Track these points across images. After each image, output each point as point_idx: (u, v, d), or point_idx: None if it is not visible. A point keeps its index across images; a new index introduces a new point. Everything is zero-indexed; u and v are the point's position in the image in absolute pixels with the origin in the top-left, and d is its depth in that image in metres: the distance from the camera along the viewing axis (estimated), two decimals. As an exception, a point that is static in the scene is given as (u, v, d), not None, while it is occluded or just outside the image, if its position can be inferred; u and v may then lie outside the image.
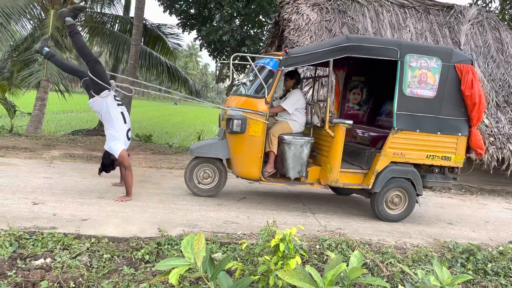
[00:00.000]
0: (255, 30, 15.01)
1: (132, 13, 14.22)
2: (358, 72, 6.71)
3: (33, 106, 11.93)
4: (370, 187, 5.17)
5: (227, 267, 3.01)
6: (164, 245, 3.65)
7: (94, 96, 4.82)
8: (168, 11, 15.00)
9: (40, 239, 3.47)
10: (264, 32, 15.01)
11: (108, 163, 5.08)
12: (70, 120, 21.61)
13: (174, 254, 3.53)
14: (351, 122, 5.18)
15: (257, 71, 5.30)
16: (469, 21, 10.14)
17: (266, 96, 5.09)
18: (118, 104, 4.94)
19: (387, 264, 3.85)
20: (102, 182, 5.72)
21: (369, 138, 6.14)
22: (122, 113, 4.93)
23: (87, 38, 13.63)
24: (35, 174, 5.78)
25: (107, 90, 4.80)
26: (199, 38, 15.17)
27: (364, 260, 3.62)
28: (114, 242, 3.64)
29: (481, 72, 9.34)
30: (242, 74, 14.94)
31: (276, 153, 5.35)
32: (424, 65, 5.11)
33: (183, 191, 5.71)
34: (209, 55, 15.46)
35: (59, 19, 11.50)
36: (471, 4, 13.12)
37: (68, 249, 3.39)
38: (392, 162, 5.19)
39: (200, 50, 16.69)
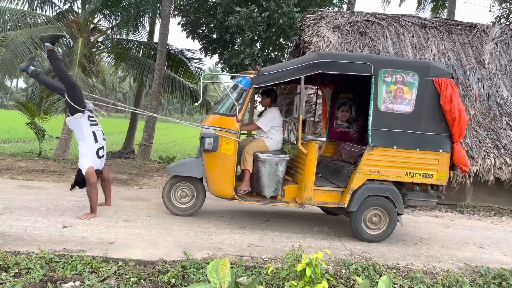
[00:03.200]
0: (276, 53, 15.20)
1: (156, 39, 14.67)
2: (346, 89, 6.58)
3: (61, 130, 12.30)
4: (345, 205, 5.04)
5: (253, 291, 3.00)
6: (190, 268, 3.67)
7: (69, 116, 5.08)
8: (191, 37, 15.39)
9: (70, 262, 3.54)
10: (285, 55, 15.19)
11: (80, 179, 5.13)
12: (96, 143, 22.12)
13: (199, 277, 3.54)
14: (324, 139, 5.12)
15: (227, 90, 5.33)
16: (493, 39, 10.03)
17: (237, 114, 5.07)
18: (92, 124, 5.13)
19: (416, 289, 3.75)
20: (128, 205, 5.82)
21: (354, 156, 6.00)
22: (94, 132, 5.10)
23: (113, 63, 14.08)
24: (64, 197, 5.93)
25: (80, 113, 5.01)
26: (221, 61, 15.46)
27: (392, 285, 3.55)
28: (140, 265, 3.68)
29: (507, 90, 9.18)
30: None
31: (251, 171, 5.31)
32: (399, 80, 4.99)
33: (206, 213, 5.75)
34: (231, 78, 15.69)
35: (87, 47, 11.99)
36: (494, 23, 13.00)
37: (96, 272, 3.45)
38: (368, 180, 5.03)
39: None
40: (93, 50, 13.30)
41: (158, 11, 13.59)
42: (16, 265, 3.40)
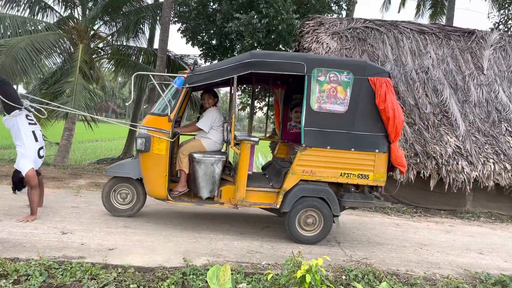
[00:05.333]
0: (275, 59, 15.23)
1: (156, 45, 14.72)
2: (299, 90, 6.42)
3: (61, 136, 12.31)
4: (278, 206, 4.99)
5: (253, 298, 2.99)
6: (189, 275, 3.66)
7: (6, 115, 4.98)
8: (190, 43, 15.45)
9: (69, 268, 3.53)
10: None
11: (17, 180, 5.07)
12: (95, 149, 22.13)
13: (199, 284, 3.53)
14: (256, 139, 5.04)
15: (159, 89, 5.28)
16: (491, 46, 10.09)
17: (169, 114, 5.02)
18: (30, 123, 5.07)
19: (416, 296, 3.75)
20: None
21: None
22: (33, 131, 5.06)
23: (113, 69, 14.12)
24: (63, 203, 5.92)
25: (17, 110, 4.94)
26: (221, 68, 15.47)
27: (392, 292, 3.54)
28: (140, 272, 3.67)
29: (506, 96, 9.21)
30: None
31: (187, 172, 5.27)
32: (333, 79, 4.91)
33: (206, 220, 5.74)
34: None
35: (87, 53, 12.03)
36: (492, 29, 13.06)
37: (96, 279, 3.43)
38: (302, 180, 4.97)
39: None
40: (94, 56, 13.35)
41: (158, 18, 13.67)
42: (15, 272, 3.39)
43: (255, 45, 13.37)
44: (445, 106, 8.83)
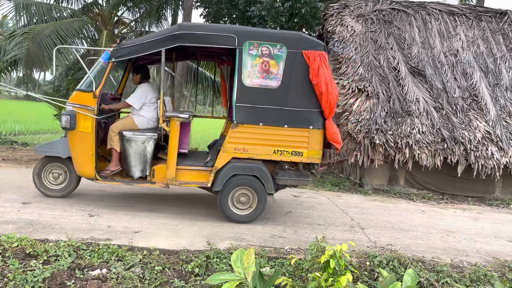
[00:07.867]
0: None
1: (178, 31, 14.71)
2: None
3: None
4: (209, 185, 4.86)
5: (276, 282, 3.00)
6: (213, 258, 3.69)
7: None
8: (213, 28, 15.38)
9: (96, 250, 3.62)
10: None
11: None
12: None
13: (223, 267, 3.56)
14: (186, 116, 4.86)
15: (84, 64, 5.08)
16: (525, 26, 9.64)
17: (94, 90, 4.81)
18: None
19: (443, 283, 3.68)
20: (152, 194, 5.91)
21: None
22: None
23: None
24: (91, 187, 6.04)
25: None
26: (243, 52, 15.38)
27: (418, 279, 3.48)
28: (165, 254, 3.74)
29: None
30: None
31: (119, 151, 5.10)
32: (266, 53, 4.71)
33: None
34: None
35: (111, 39, 12.14)
36: (526, 9, 12.47)
37: (122, 261, 3.51)
38: (234, 158, 4.84)
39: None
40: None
41: (180, 3, 13.62)
42: (45, 253, 3.50)
43: (278, 29, 13.20)
44: (475, 90, 8.54)
